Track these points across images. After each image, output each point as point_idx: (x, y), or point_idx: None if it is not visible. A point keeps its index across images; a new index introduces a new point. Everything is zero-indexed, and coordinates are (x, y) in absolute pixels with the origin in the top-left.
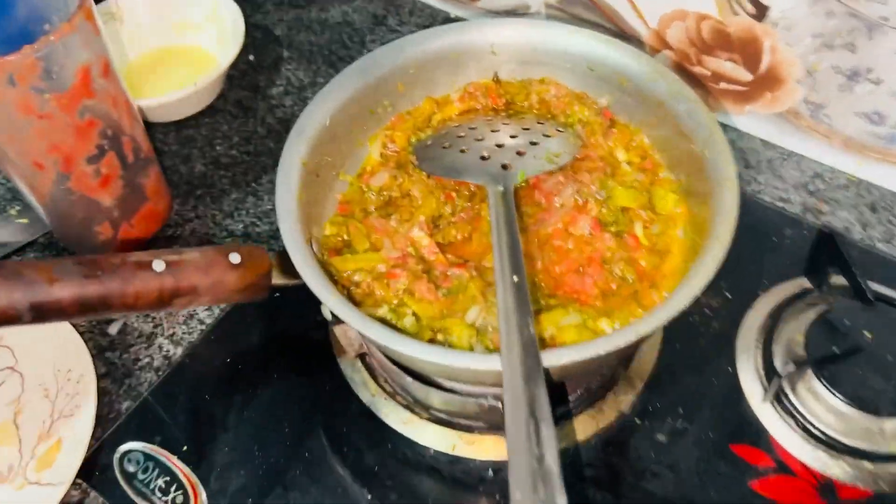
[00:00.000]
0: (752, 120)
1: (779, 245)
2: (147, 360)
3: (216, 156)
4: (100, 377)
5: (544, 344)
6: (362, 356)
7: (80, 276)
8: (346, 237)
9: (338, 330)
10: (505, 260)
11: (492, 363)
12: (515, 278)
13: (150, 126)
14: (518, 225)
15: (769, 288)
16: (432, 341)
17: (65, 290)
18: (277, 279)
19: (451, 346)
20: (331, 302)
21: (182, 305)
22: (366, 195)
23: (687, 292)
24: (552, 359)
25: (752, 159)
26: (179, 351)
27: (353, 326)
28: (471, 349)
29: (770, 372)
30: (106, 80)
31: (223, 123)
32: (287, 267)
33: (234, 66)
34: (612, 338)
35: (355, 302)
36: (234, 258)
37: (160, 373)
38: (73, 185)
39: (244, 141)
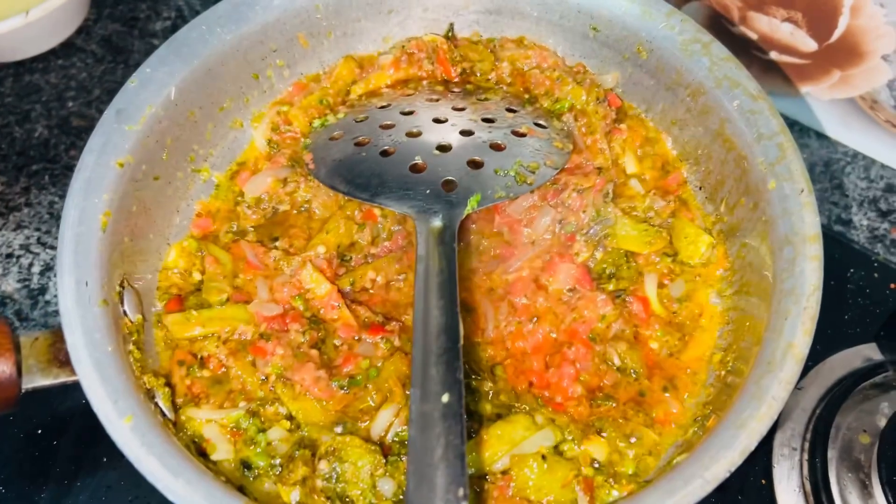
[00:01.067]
0: (807, 104)
1: (837, 292)
2: None
3: (66, 115)
4: None
5: (494, 485)
6: None
7: None
8: (197, 275)
9: None
10: (431, 357)
11: None
12: (446, 397)
13: None
14: (458, 270)
15: (822, 358)
16: (306, 483)
17: None
18: (40, 378)
19: (342, 482)
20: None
21: None
22: (239, 207)
23: (730, 452)
24: None
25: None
26: None
27: (162, 489)
28: (372, 491)
29: (821, 491)
30: None
31: (82, 69)
32: (64, 355)
33: None
34: None
35: (191, 397)
36: None
37: None
38: None
39: (108, 96)
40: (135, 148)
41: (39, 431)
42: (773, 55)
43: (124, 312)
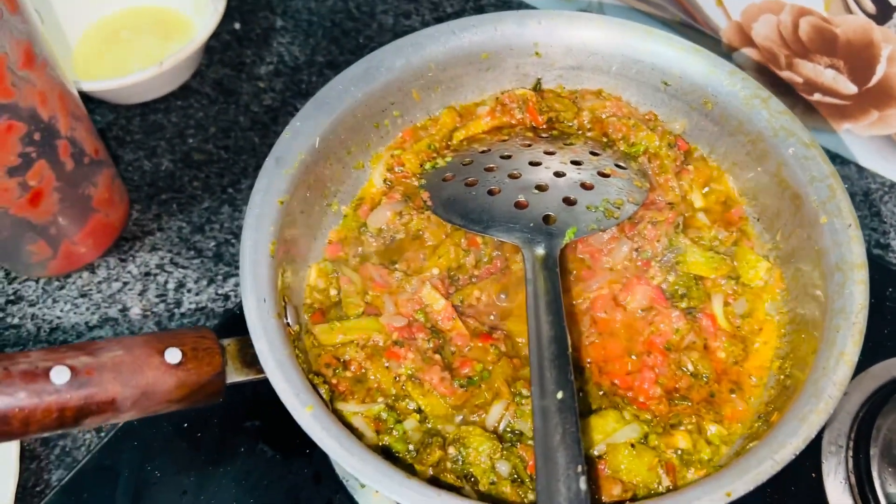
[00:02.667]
0: (848, 140)
1: (877, 309)
2: None
3: (188, 150)
4: None
5: (593, 466)
6: None
7: None
8: (335, 292)
9: None
10: (545, 362)
11: None
12: (560, 394)
13: (111, 108)
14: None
15: (866, 368)
16: (440, 464)
17: None
18: (236, 376)
19: (467, 465)
20: (309, 424)
21: (96, 424)
22: (363, 235)
23: (795, 439)
24: None
25: None
26: None
27: (341, 462)
28: (492, 471)
29: (864, 483)
30: (30, 71)
31: (198, 109)
32: (250, 358)
33: (214, 35)
34: None
35: (339, 394)
36: (173, 356)
37: (102, 434)
38: None
39: (222, 133)
40: (289, 188)
41: (185, 425)
42: (817, 96)
43: (287, 324)
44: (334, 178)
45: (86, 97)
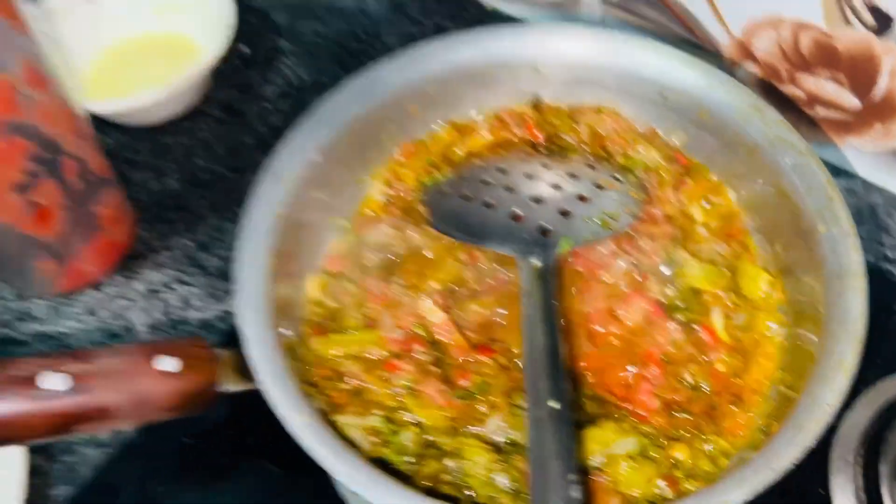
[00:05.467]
0: (851, 154)
1: (886, 324)
2: None
3: (194, 171)
4: (31, 449)
5: (590, 478)
6: None
7: None
8: (333, 305)
9: None
10: (539, 372)
11: None
12: (553, 404)
13: (121, 130)
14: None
15: (874, 382)
16: (437, 476)
17: None
18: (230, 385)
19: (464, 476)
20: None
21: (86, 431)
22: (362, 249)
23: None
24: None
25: (849, 203)
26: None
27: (331, 472)
28: (490, 483)
29: (874, 500)
30: (37, 90)
31: (206, 130)
32: (245, 369)
33: (223, 59)
34: None
35: (336, 406)
36: (167, 364)
37: (106, 449)
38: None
39: (229, 153)
40: (287, 200)
41: (188, 442)
42: (820, 110)
43: (283, 335)
44: (333, 192)
45: (96, 119)
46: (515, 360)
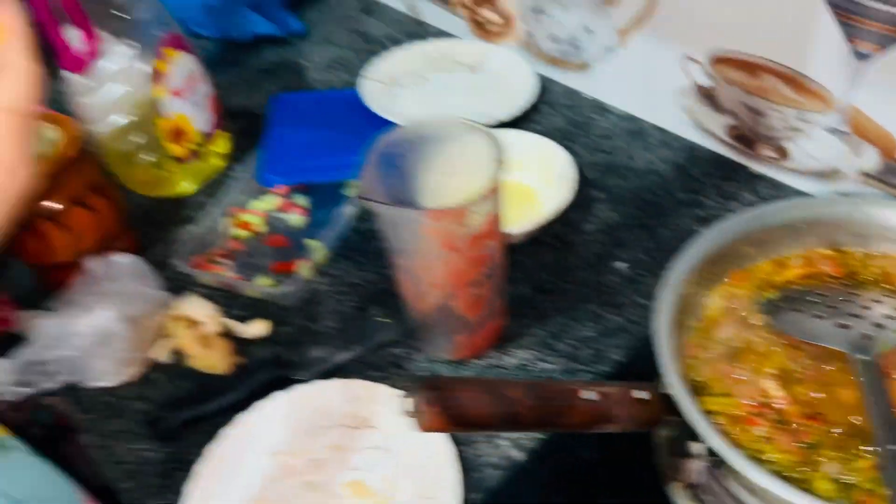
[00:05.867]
0: None
1: None
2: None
3: (540, 282)
4: None
5: None
6: (691, 486)
7: (538, 398)
8: (697, 379)
9: (674, 461)
10: (880, 431)
11: None
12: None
13: None
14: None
15: None
16: None
17: (527, 408)
18: (664, 415)
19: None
20: (722, 448)
21: (598, 429)
22: (710, 342)
23: None
24: None
25: None
26: (521, 455)
27: (749, 476)
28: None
29: None
30: (498, 224)
31: (545, 254)
32: (667, 406)
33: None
34: None
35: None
36: (640, 394)
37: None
38: (453, 303)
39: (564, 271)
40: (673, 297)
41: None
42: None
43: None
44: (691, 300)
45: None
46: (833, 430)
